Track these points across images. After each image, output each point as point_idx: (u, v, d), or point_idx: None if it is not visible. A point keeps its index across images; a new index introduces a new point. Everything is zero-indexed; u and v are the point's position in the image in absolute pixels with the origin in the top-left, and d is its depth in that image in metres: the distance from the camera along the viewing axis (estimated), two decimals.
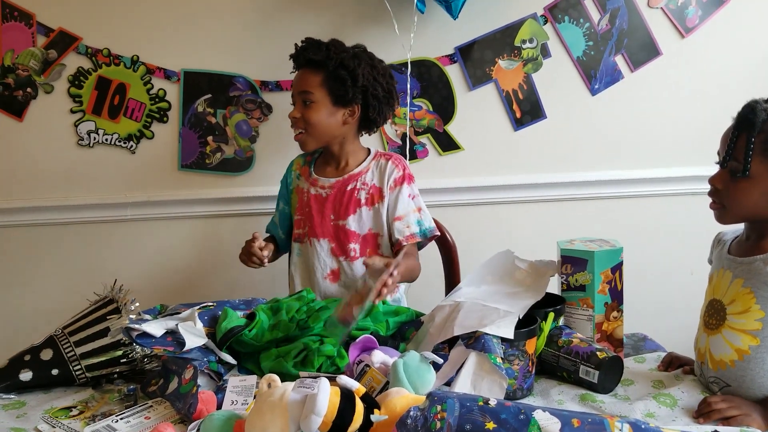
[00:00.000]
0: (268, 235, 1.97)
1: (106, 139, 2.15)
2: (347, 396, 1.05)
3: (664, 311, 2.24)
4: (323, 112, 1.76)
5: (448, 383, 1.27)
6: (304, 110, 1.77)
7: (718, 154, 1.33)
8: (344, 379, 1.08)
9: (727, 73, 2.23)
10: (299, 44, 1.80)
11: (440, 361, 1.20)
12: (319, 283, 1.82)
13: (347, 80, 1.74)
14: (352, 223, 1.80)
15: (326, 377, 1.07)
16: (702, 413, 1.23)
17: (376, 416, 1.06)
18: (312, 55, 1.75)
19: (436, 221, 2.01)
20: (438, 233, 1.84)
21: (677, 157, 2.28)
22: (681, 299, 2.33)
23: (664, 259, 2.29)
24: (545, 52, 2.19)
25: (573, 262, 1.49)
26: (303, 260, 1.86)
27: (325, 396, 1.03)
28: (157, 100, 2.14)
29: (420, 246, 1.86)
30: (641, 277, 2.07)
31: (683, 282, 2.33)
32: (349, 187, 1.81)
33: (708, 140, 2.24)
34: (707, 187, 2.25)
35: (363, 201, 1.80)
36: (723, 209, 1.32)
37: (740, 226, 1.38)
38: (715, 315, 1.33)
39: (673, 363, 1.44)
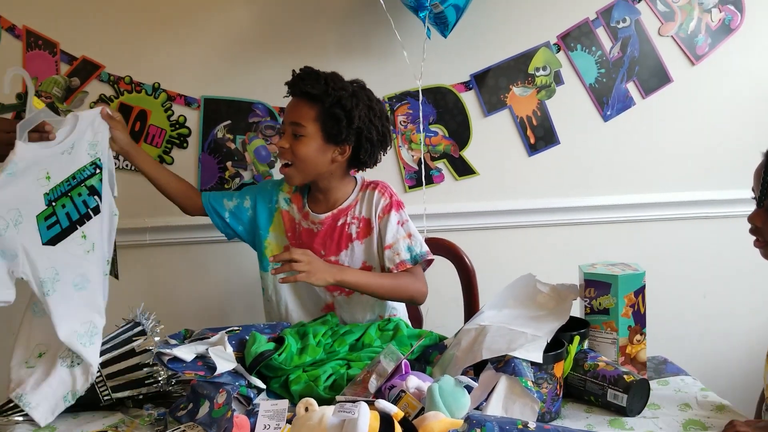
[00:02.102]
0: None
1: (126, 165, 2.17)
2: (386, 420, 1.06)
3: (678, 334, 2.26)
4: (313, 147, 1.71)
5: (479, 407, 1.28)
6: (294, 142, 1.71)
7: (753, 191, 1.33)
8: (383, 404, 1.09)
9: (736, 99, 2.28)
10: (296, 71, 1.74)
11: (474, 384, 1.22)
12: (314, 314, 1.80)
13: (342, 120, 1.69)
14: (344, 258, 1.76)
15: (365, 401, 1.09)
16: None
17: None
18: (309, 89, 1.68)
19: (453, 246, 2.04)
20: (431, 257, 1.77)
21: (688, 182, 2.31)
22: (694, 322, 2.36)
23: (676, 282, 2.31)
24: (558, 79, 2.23)
25: (596, 285, 1.51)
26: (296, 288, 1.82)
27: (366, 420, 1.04)
28: (177, 126, 2.18)
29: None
30: (654, 300, 2.09)
31: (696, 305, 2.37)
32: (339, 223, 1.77)
33: (718, 165, 2.30)
34: (717, 211, 2.33)
35: (354, 235, 1.77)
36: (767, 246, 1.32)
37: None
38: None
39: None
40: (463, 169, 2.25)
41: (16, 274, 1.39)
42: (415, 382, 1.25)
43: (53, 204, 1.46)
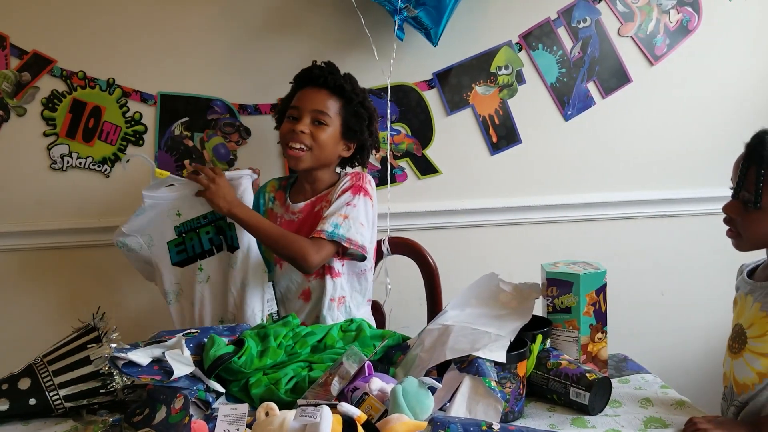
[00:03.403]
0: None
1: (80, 163, 2.11)
2: (349, 424, 1.04)
3: (637, 331, 2.29)
4: (332, 136, 1.80)
5: (442, 408, 1.27)
6: (314, 128, 1.78)
7: (732, 180, 1.32)
8: (345, 407, 1.07)
9: (693, 99, 2.31)
10: (318, 62, 1.83)
11: (438, 385, 1.21)
12: (292, 302, 1.84)
13: (365, 120, 1.82)
14: None
15: (327, 405, 1.07)
16: None
17: None
18: (343, 83, 1.79)
19: (416, 245, 2.02)
20: (351, 246, 1.73)
21: (647, 181, 2.34)
22: (653, 319, 2.39)
23: (635, 280, 2.34)
24: (520, 78, 2.24)
25: (558, 284, 1.51)
26: (277, 281, 1.86)
27: (328, 424, 1.02)
28: (132, 123, 2.12)
29: (355, 256, 1.79)
30: (614, 298, 2.11)
31: (655, 302, 2.40)
32: (316, 209, 1.83)
33: (676, 164, 2.34)
34: (675, 209, 2.36)
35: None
36: (739, 237, 1.32)
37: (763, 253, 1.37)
38: (737, 339, 1.35)
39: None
40: (425, 167, 2.24)
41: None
42: (378, 383, 1.23)
43: (183, 235, 1.82)
